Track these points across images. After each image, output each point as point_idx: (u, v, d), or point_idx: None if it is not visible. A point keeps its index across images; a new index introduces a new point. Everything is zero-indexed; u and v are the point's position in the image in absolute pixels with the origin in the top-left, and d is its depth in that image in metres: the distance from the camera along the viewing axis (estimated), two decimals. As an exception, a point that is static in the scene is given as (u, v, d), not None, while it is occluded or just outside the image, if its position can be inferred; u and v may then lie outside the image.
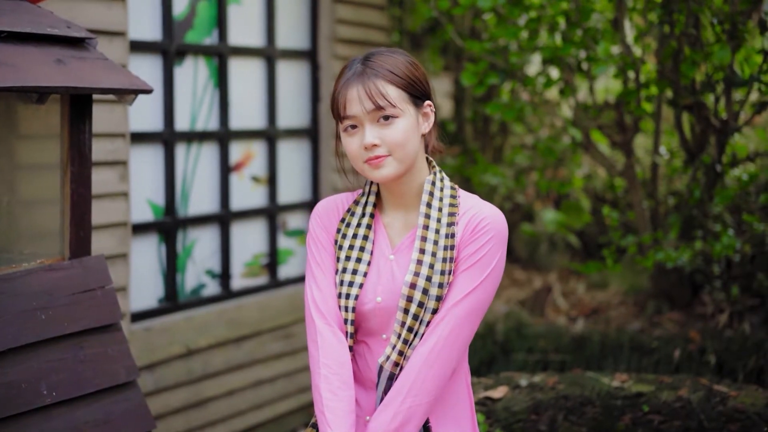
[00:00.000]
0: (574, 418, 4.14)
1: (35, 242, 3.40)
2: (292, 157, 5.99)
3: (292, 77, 5.98)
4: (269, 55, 5.76)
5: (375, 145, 2.46)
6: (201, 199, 5.43)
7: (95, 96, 4.26)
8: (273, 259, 5.89)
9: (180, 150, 5.28)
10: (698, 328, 5.79)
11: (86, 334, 3.21)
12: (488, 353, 6.09)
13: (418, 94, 2.53)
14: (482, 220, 2.49)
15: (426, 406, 2.48)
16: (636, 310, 6.48)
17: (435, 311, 2.47)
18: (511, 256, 7.79)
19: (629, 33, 5.76)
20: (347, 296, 2.54)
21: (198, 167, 5.39)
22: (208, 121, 5.44)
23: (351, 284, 2.55)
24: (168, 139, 5.15)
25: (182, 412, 5.13)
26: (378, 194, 2.66)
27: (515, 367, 5.86)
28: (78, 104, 3.20)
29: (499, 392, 4.19)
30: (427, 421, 2.55)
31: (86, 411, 3.16)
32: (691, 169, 5.62)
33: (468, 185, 7.35)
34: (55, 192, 3.30)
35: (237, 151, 5.64)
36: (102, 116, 4.58)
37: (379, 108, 2.46)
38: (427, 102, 2.57)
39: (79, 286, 3.21)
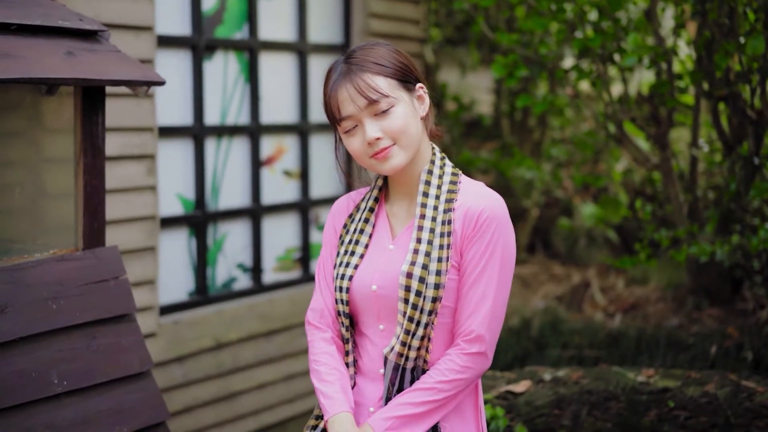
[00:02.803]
0: (598, 413, 4.08)
1: (52, 234, 3.43)
2: (325, 151, 5.99)
3: (324, 72, 5.96)
4: (301, 49, 5.76)
5: (378, 139, 2.46)
6: (232, 193, 5.44)
7: (120, 90, 4.32)
8: (305, 253, 5.89)
9: (210, 144, 5.30)
10: (737, 325, 5.68)
11: (99, 324, 3.23)
12: (522, 349, 6.04)
13: (408, 78, 2.53)
14: (480, 214, 2.46)
15: (453, 403, 2.49)
16: (675, 305, 6.38)
17: (435, 300, 2.45)
18: (550, 251, 7.72)
19: (666, 24, 5.68)
20: (340, 289, 2.57)
21: (228, 161, 5.41)
22: (239, 116, 5.46)
23: (343, 276, 2.57)
24: (198, 133, 5.18)
25: (212, 405, 5.15)
26: (385, 186, 2.66)
27: (549, 363, 5.79)
28: (90, 96, 3.22)
29: (521, 386, 4.15)
30: None
31: (98, 400, 3.18)
32: (727, 161, 5.52)
33: (503, 179, 7.30)
34: (72, 184, 3.33)
35: (268, 145, 5.65)
36: (129, 110, 4.62)
37: (372, 102, 2.46)
38: (419, 85, 2.57)
39: (91, 277, 3.23)
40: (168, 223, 5.06)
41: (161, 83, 3.30)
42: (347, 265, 2.57)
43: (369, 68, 2.48)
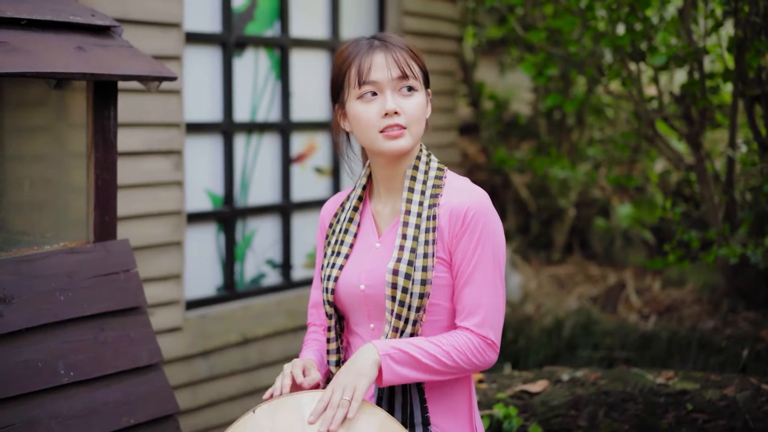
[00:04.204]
0: (615, 415, 4.04)
1: (65, 227, 3.47)
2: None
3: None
4: (333, 47, 5.78)
5: (396, 113, 2.45)
6: (262, 189, 5.48)
7: (145, 86, 4.36)
8: (336, 250, 5.90)
9: (239, 141, 5.34)
10: (772, 328, 5.60)
11: (107, 316, 3.26)
12: (553, 349, 6.01)
13: (427, 77, 2.55)
14: (467, 212, 2.44)
15: (446, 377, 2.45)
16: (711, 308, 6.30)
17: (422, 296, 2.43)
18: (587, 251, 7.65)
19: (702, 23, 5.60)
20: (326, 290, 2.57)
21: (258, 158, 5.45)
22: (270, 113, 5.49)
23: (329, 277, 2.56)
24: (227, 129, 5.22)
25: (238, 400, 5.18)
26: (369, 183, 2.65)
27: (579, 364, 5.76)
28: (102, 91, 3.26)
29: (538, 386, 4.12)
30: (425, 413, 2.52)
31: (105, 392, 3.21)
32: (762, 163, 5.42)
33: (539, 178, 7.25)
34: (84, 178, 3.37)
35: (299, 142, 5.68)
36: (155, 106, 4.67)
37: (404, 77, 2.47)
38: (429, 90, 2.58)
39: (100, 269, 3.26)
40: (196, 218, 5.10)
41: (172, 78, 3.33)
42: (333, 265, 2.57)
43: (405, 50, 2.50)
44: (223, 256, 5.29)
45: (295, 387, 2.44)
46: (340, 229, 2.61)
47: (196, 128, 5.06)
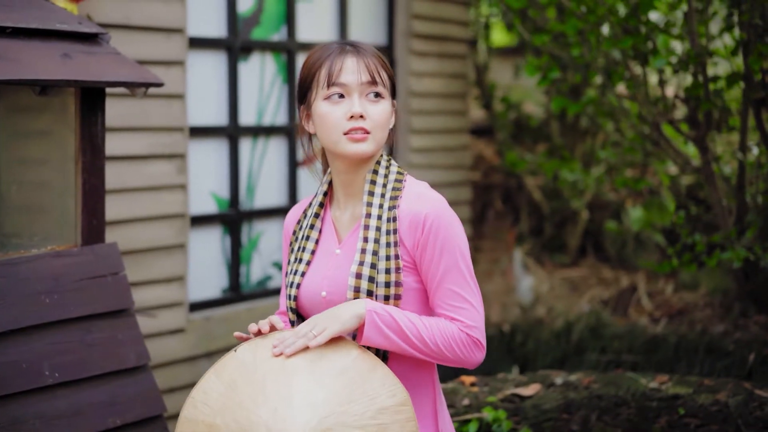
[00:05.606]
0: (607, 419, 4.04)
1: (55, 231, 3.53)
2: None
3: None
4: (341, 50, 5.81)
5: (362, 117, 2.48)
6: (268, 192, 5.52)
7: (150, 91, 4.42)
8: (344, 252, 5.94)
9: (245, 144, 5.39)
10: (782, 332, 5.57)
11: (94, 318, 3.32)
12: (561, 352, 6.00)
13: (394, 88, 2.58)
14: (425, 220, 2.44)
15: (422, 357, 2.44)
16: (722, 311, 6.26)
17: (387, 299, 2.45)
18: (601, 254, 7.63)
19: (714, 25, 5.58)
20: (289, 297, 2.58)
21: (265, 161, 5.49)
22: (276, 116, 5.54)
23: (292, 284, 2.57)
24: (232, 133, 5.27)
25: (242, 401, 5.22)
26: (330, 191, 2.67)
27: (587, 367, 5.75)
28: (89, 97, 3.32)
29: (530, 390, 4.12)
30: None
31: (91, 393, 3.27)
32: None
33: (551, 181, 7.24)
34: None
35: (307, 145, 5.71)
36: (159, 110, 4.73)
37: (373, 82, 2.48)
38: (394, 101, 2.60)
39: (88, 272, 3.32)
40: (201, 221, 5.15)
41: (159, 85, 3.39)
42: (295, 272, 2.58)
43: (377, 58, 2.53)
44: (229, 259, 5.34)
45: None
46: (303, 236, 2.62)
47: (200, 132, 5.11)
